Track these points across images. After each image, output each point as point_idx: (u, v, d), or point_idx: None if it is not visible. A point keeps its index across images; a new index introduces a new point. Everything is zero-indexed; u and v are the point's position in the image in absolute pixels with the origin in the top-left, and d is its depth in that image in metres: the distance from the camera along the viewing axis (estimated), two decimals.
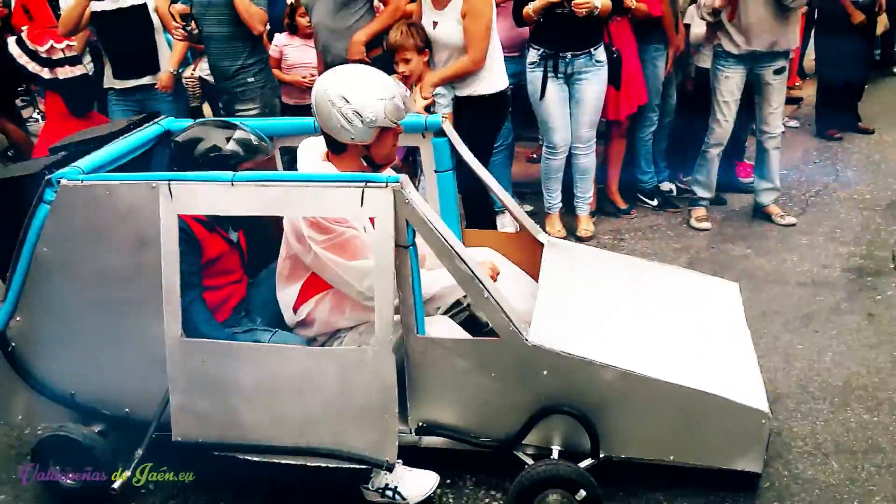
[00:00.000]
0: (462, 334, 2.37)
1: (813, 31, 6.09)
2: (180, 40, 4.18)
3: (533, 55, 3.91)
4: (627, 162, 4.61)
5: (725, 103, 4.10)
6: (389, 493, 2.24)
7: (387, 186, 2.05)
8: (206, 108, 5.16)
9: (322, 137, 2.45)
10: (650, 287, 2.68)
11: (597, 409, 2.20)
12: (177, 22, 4.00)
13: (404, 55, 3.32)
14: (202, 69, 4.68)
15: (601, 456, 2.22)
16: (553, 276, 2.55)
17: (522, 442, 2.27)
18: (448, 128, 2.73)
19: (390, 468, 2.16)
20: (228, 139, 2.48)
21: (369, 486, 2.27)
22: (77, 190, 2.23)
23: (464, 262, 2.12)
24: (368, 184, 2.05)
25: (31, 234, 2.29)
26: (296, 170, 2.45)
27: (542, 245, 2.77)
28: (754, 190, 4.40)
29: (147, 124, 2.82)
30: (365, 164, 2.41)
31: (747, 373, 2.32)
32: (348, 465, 2.19)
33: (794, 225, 4.26)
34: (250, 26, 3.91)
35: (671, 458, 2.24)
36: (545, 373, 2.18)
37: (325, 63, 3.95)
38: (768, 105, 4.11)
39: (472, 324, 2.53)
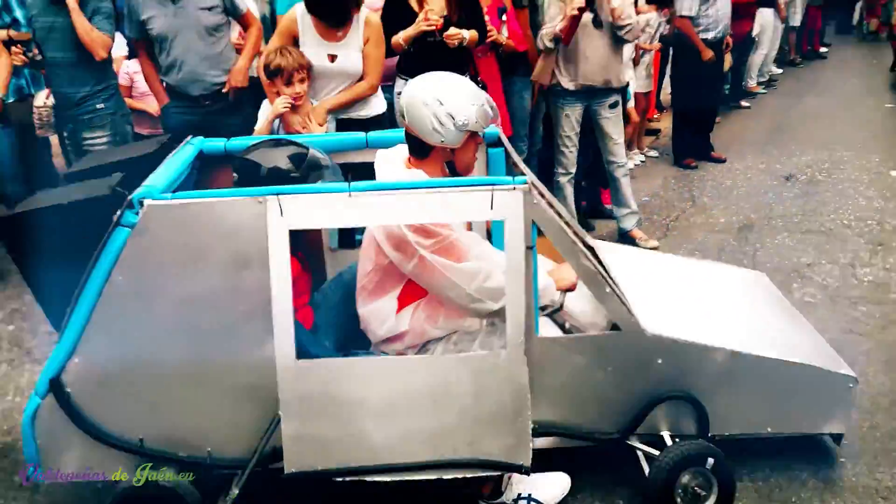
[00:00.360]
0: (560, 334, 2.41)
1: (668, 68, 6.57)
2: (20, 65, 4.02)
3: (401, 85, 3.84)
4: None
5: (567, 137, 4.34)
6: (524, 502, 2.22)
7: (514, 189, 2.06)
8: (54, 138, 4.71)
9: (397, 148, 2.42)
10: (701, 277, 2.86)
11: (705, 390, 2.31)
12: (16, 48, 3.87)
13: (301, 75, 3.27)
14: None
15: (709, 436, 2.34)
16: (619, 274, 2.65)
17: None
18: (504, 138, 2.77)
19: (528, 472, 2.14)
20: (297, 158, 2.39)
21: (504, 499, 2.23)
22: (167, 210, 2.03)
23: (588, 259, 2.17)
24: (496, 187, 2.05)
25: (105, 262, 2.05)
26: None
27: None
28: (616, 216, 4.59)
29: (180, 145, 2.62)
30: (447, 171, 2.40)
31: (820, 344, 2.55)
32: (483, 474, 2.15)
33: (657, 248, 4.40)
34: (92, 52, 3.84)
35: (768, 430, 2.40)
36: (660, 361, 2.27)
37: (191, 95, 3.79)
38: (609, 137, 4.38)
39: None
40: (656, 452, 2.28)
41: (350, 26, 3.39)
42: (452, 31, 3.64)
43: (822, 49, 10.15)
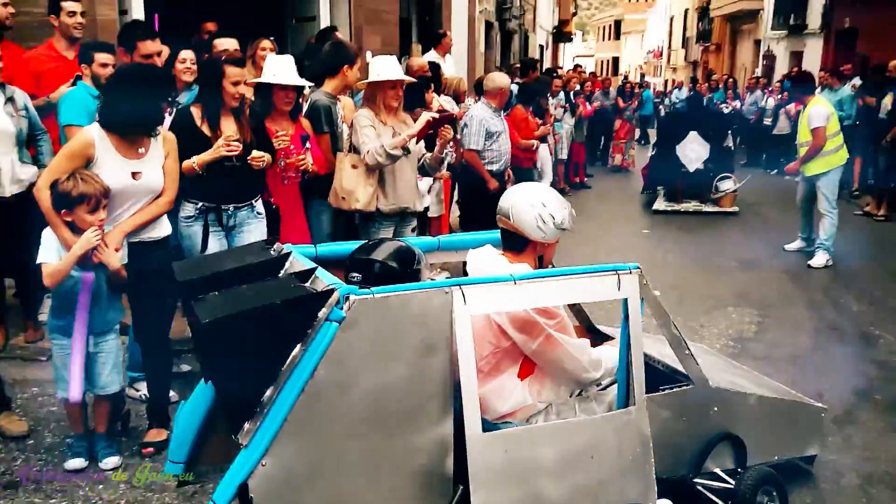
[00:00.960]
0: None
1: (456, 194, 6.98)
2: None
3: (190, 209, 3.82)
4: None
5: None
6: None
7: (631, 273, 2.59)
8: None
9: (485, 248, 2.84)
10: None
11: (742, 430, 2.96)
12: None
13: (105, 200, 3.14)
14: None
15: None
16: None
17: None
18: None
19: None
20: (405, 255, 2.69)
21: None
22: (371, 303, 2.19)
23: (676, 328, 2.75)
24: (620, 272, 2.56)
25: (312, 358, 2.12)
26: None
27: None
28: None
29: (284, 250, 2.72)
30: (537, 263, 2.85)
31: (785, 386, 3.37)
32: None
33: None
34: None
35: (776, 458, 3.10)
36: (716, 409, 2.88)
37: None
38: None
39: None
40: (725, 485, 2.84)
41: (150, 141, 3.38)
42: (256, 153, 3.77)
43: (586, 179, 12.24)
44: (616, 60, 55.34)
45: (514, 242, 2.75)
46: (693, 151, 10.16)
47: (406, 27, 11.39)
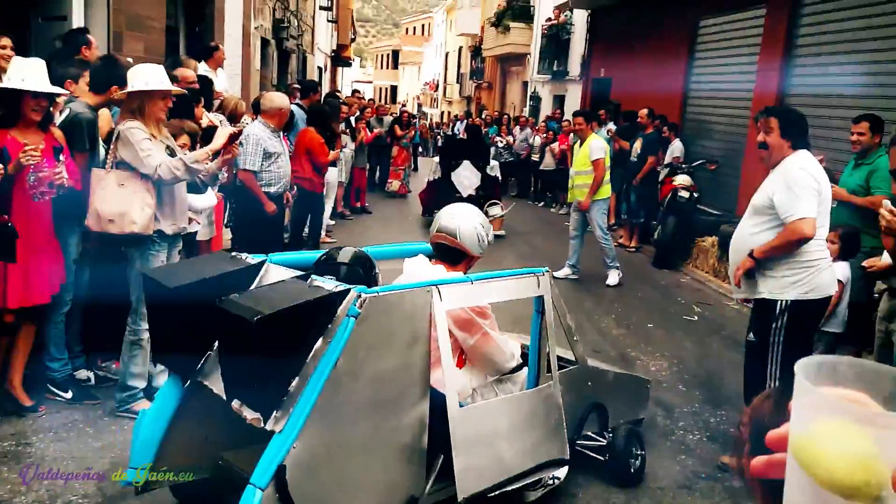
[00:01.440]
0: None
1: (226, 217, 6.79)
2: None
3: None
4: (35, 349, 4.07)
5: None
6: (550, 480, 3.24)
7: (544, 275, 3.24)
8: None
9: (419, 257, 3.31)
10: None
11: (605, 399, 3.77)
12: None
13: None
14: None
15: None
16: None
17: None
18: None
19: (569, 464, 3.21)
20: (363, 260, 3.07)
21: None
22: (379, 300, 2.53)
23: (570, 319, 3.45)
24: (538, 274, 3.20)
25: (336, 350, 2.40)
26: None
27: None
28: None
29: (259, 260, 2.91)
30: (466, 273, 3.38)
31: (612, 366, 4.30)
32: (555, 471, 3.12)
33: None
34: None
35: (621, 420, 3.97)
36: (589, 383, 3.65)
37: None
38: None
39: None
40: (597, 443, 3.61)
41: None
42: None
43: (367, 204, 12.74)
44: (394, 89, 56.87)
45: (453, 256, 3.25)
46: (466, 178, 11.35)
47: (173, 36, 10.89)
